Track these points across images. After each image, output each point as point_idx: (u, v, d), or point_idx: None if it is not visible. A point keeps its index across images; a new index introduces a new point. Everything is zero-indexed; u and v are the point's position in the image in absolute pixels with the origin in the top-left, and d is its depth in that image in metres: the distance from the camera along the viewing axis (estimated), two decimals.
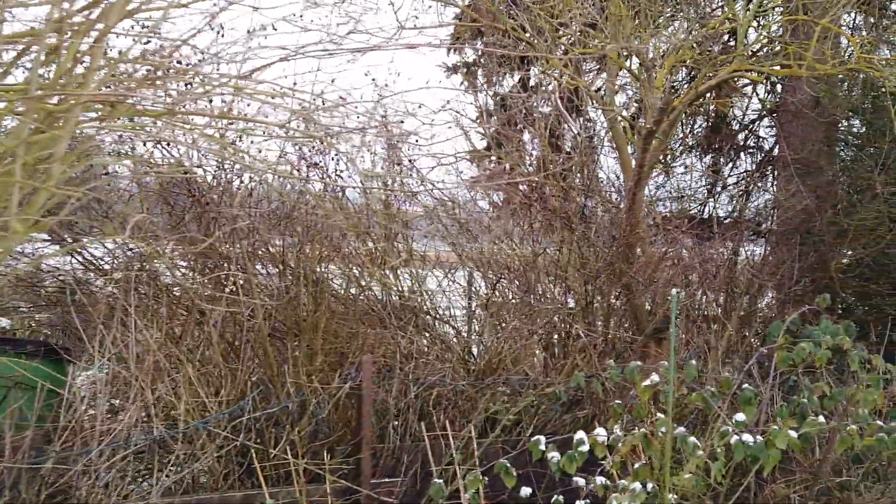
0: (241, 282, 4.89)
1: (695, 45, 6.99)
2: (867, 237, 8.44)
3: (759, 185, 12.62)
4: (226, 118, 3.72)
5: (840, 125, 10.01)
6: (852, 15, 10.59)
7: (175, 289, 4.86)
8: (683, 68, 10.06)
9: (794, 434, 5.00)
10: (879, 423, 5.51)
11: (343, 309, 5.27)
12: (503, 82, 12.34)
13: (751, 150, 13.32)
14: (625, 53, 7.78)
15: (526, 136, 10.84)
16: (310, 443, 4.67)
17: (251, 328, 4.74)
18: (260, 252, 5.06)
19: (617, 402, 5.08)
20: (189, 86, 3.55)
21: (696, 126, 13.30)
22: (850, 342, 5.32)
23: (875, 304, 8.50)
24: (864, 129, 9.69)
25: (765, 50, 9.04)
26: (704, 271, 7.23)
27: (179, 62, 3.69)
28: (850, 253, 8.77)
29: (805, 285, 8.27)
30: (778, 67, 7.70)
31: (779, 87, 11.19)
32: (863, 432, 5.49)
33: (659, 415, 4.68)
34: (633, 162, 7.67)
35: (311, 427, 4.65)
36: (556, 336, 6.05)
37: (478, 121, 11.43)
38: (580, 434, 4.59)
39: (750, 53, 9.65)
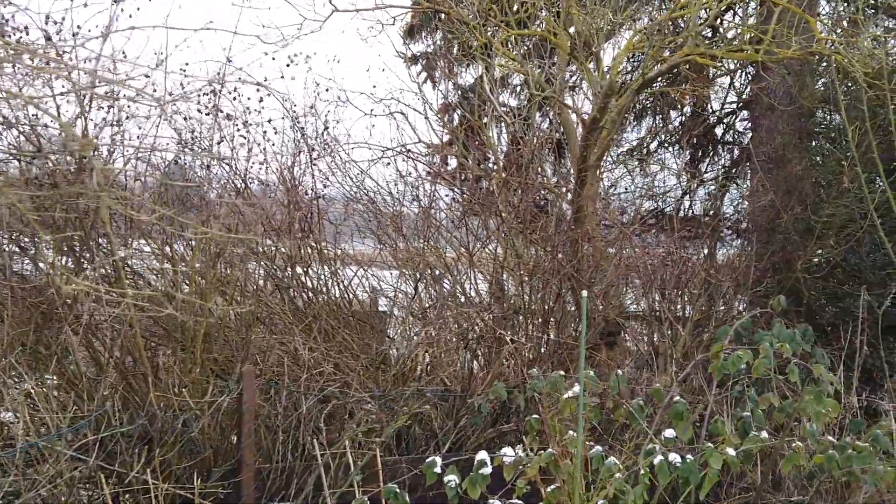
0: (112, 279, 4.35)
1: (644, 28, 6.46)
2: (837, 235, 7.90)
3: (738, 181, 12.14)
4: None
5: (815, 117, 9.48)
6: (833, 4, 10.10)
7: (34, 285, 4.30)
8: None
9: (731, 452, 4.49)
10: (831, 438, 5.00)
11: (236, 311, 4.73)
12: (466, 74, 11.81)
13: (729, 145, 12.82)
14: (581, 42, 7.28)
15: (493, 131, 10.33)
16: (181, 464, 4.13)
17: (119, 333, 4.21)
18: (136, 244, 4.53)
19: (534, 416, 4.55)
20: None
21: (668, 120, 12.81)
22: (792, 349, 4.80)
23: (845, 306, 7.96)
24: (839, 121, 9.16)
25: (743, 37, 8.50)
26: (654, 270, 6.70)
27: None
28: (819, 252, 8.24)
29: (768, 286, 7.75)
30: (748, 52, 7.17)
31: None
32: (813, 449, 5.02)
33: (570, 433, 4.15)
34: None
35: (180, 446, 4.11)
36: (484, 342, 5.52)
37: (438, 114, 10.91)
38: (481, 454, 4.07)
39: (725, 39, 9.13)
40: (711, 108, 12.76)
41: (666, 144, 13.00)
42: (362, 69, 8.80)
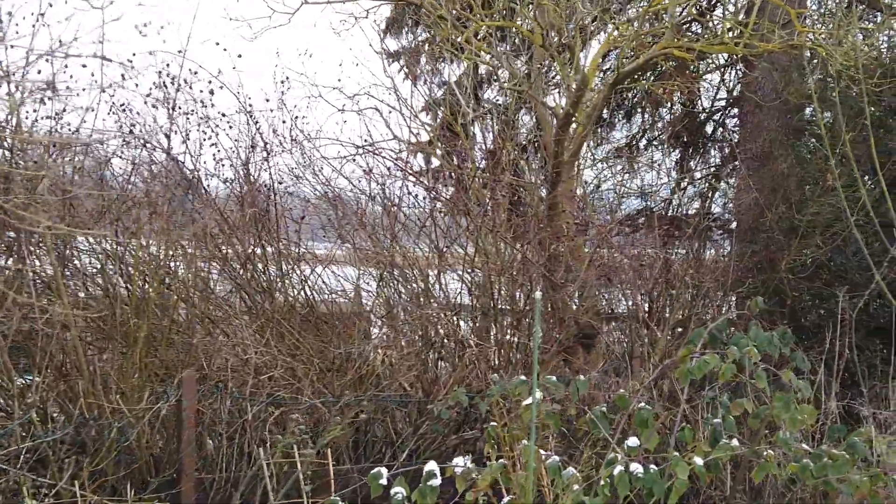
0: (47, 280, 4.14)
1: (617, 21, 6.24)
2: (822, 235, 7.67)
3: (729, 180, 11.94)
4: None
5: (802, 113, 9.26)
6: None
7: None
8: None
9: (699, 461, 4.27)
10: (805, 446, 4.78)
11: (181, 313, 4.51)
12: (447, 70, 11.58)
13: (719, 144, 12.59)
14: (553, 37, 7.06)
15: (476, 129, 10.11)
16: (116, 474, 3.92)
17: (50, 337, 3.99)
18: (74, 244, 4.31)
19: (492, 423, 4.33)
20: None
21: (657, 118, 12.59)
22: (769, 352, 4.59)
23: (831, 308, 7.72)
24: (828, 117, 8.94)
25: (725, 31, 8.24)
26: (630, 270, 6.48)
27: None
28: (806, 252, 8.01)
29: (751, 287, 7.54)
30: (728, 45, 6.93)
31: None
32: (787, 457, 4.81)
33: (523, 442, 3.92)
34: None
35: (116, 455, 3.90)
36: (447, 345, 5.29)
37: (421, 111, 10.69)
38: (430, 464, 3.85)
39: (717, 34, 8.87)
40: (702, 105, 12.55)
41: (655, 144, 12.79)
42: (337, 64, 8.59)
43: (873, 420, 5.47)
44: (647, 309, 6.80)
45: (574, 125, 6.37)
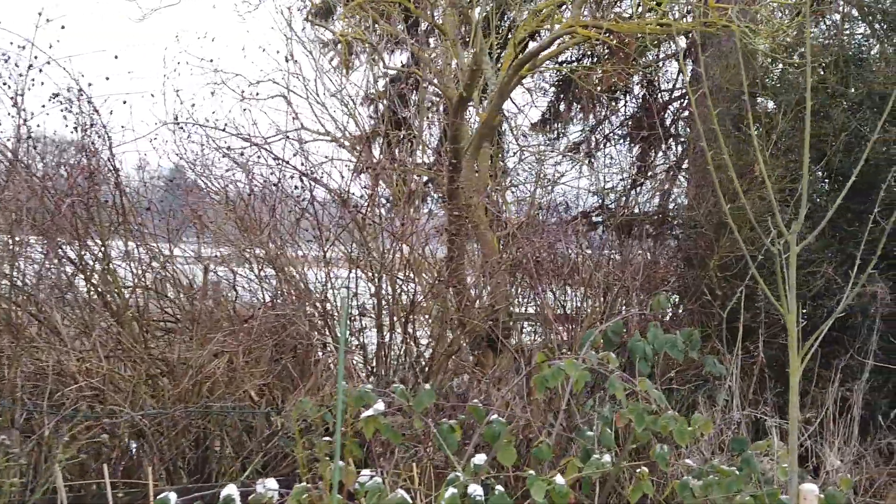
0: None
1: None
2: (753, 230, 7.17)
3: (684, 174, 11.49)
4: None
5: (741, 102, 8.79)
6: None
7: None
8: None
9: (561, 480, 3.77)
10: (689, 462, 4.30)
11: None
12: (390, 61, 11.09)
13: (682, 139, 12.15)
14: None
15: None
16: None
17: None
18: None
19: (325, 439, 3.84)
20: None
21: (611, 111, 12.14)
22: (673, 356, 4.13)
23: (762, 308, 7.23)
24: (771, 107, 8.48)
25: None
26: (541, 267, 6.00)
27: None
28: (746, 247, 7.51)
29: (675, 285, 7.06)
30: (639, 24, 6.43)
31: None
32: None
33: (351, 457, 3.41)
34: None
35: None
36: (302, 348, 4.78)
37: (364, 103, 10.22)
38: (229, 488, 3.36)
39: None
40: (661, 98, 12.08)
41: (611, 138, 12.36)
42: (240, 49, 8.11)
43: (777, 431, 4.98)
44: (557, 309, 6.32)
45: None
